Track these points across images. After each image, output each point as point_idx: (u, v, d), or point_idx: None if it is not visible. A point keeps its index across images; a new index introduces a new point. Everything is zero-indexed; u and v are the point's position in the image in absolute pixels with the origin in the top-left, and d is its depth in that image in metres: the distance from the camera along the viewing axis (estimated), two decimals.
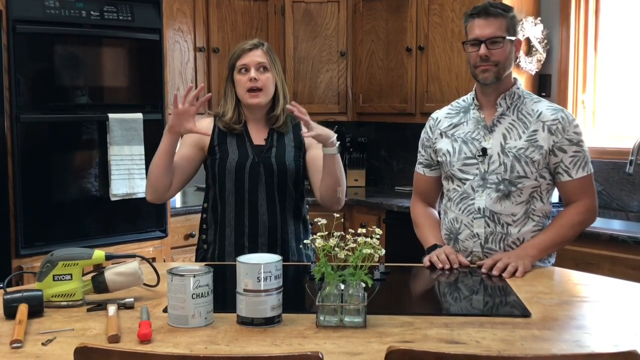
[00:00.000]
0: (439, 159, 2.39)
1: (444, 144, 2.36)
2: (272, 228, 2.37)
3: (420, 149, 2.48)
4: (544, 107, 2.28)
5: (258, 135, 2.43)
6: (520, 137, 2.25)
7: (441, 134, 2.39)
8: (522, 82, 2.37)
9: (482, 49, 2.23)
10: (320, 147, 2.45)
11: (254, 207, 2.37)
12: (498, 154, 2.26)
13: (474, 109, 2.33)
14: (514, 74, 2.35)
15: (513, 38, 2.25)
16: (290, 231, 2.41)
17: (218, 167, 2.38)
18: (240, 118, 2.42)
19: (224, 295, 1.88)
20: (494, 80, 2.25)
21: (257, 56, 2.37)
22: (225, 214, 2.39)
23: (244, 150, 2.39)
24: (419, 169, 2.49)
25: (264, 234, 2.37)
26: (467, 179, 2.30)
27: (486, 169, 2.27)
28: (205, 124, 2.46)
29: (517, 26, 2.29)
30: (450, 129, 2.37)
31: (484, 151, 2.27)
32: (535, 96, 2.35)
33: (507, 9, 2.27)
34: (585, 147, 2.27)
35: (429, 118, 2.47)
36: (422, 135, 2.47)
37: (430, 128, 2.44)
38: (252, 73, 2.35)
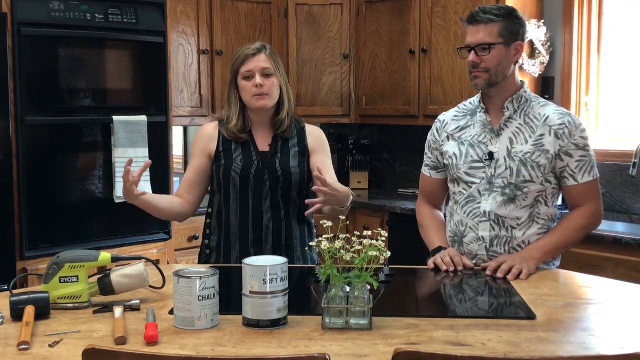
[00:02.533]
0: (445, 161, 2.39)
1: (450, 147, 2.37)
2: (276, 234, 2.37)
3: (426, 151, 2.48)
4: (551, 111, 2.28)
5: (263, 141, 2.42)
6: (526, 142, 2.25)
7: (448, 137, 2.39)
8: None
9: (471, 56, 2.24)
10: (324, 153, 2.46)
11: (258, 213, 2.36)
12: (504, 158, 2.26)
13: (480, 112, 2.34)
14: (520, 77, 2.35)
15: (507, 42, 2.22)
16: (295, 236, 2.41)
17: (223, 174, 2.38)
18: (246, 123, 2.41)
19: (230, 297, 1.88)
20: (486, 87, 2.26)
21: (261, 61, 2.36)
22: (230, 221, 2.39)
23: (249, 156, 2.38)
24: (425, 171, 2.50)
25: (268, 241, 2.37)
26: (473, 183, 2.30)
27: (492, 173, 2.27)
28: (210, 129, 2.46)
29: (520, 28, 2.26)
30: (457, 131, 2.37)
31: (491, 155, 2.28)
32: (543, 100, 2.35)
33: (502, 13, 2.23)
34: (591, 151, 2.27)
35: (436, 120, 2.47)
36: (429, 137, 2.47)
37: (437, 130, 2.44)
38: (257, 79, 2.34)
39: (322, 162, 2.43)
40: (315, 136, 2.48)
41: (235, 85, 2.41)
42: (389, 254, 1.66)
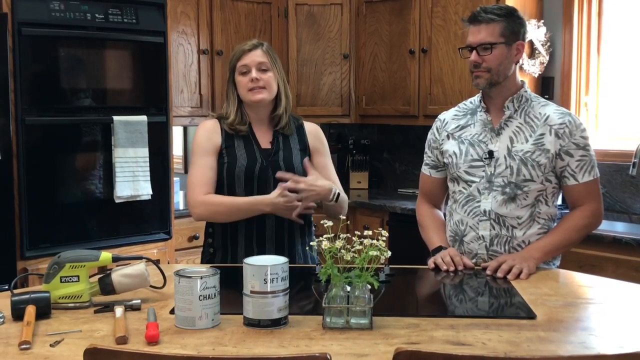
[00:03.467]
0: (445, 160, 2.39)
1: (450, 146, 2.37)
2: (278, 232, 2.37)
3: (426, 150, 2.48)
4: (551, 110, 2.28)
5: (264, 138, 2.42)
6: (527, 141, 2.26)
7: (448, 136, 2.39)
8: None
9: (473, 56, 2.24)
10: (324, 153, 2.47)
11: None
12: (504, 157, 2.26)
13: (481, 111, 2.34)
14: (520, 77, 2.35)
15: (509, 42, 2.22)
16: (296, 235, 2.41)
17: (227, 172, 2.37)
18: (244, 119, 2.42)
19: (230, 296, 1.88)
20: (487, 86, 2.26)
21: (257, 56, 2.36)
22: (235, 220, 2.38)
23: (252, 154, 2.38)
24: (425, 170, 2.50)
25: (271, 239, 2.37)
26: (473, 181, 2.31)
27: (492, 172, 2.28)
28: (211, 123, 2.45)
29: (521, 27, 2.27)
30: (457, 130, 2.37)
31: (491, 154, 2.28)
32: (543, 99, 2.35)
33: (503, 12, 2.23)
34: (591, 151, 2.27)
35: (436, 119, 2.48)
36: (429, 136, 2.48)
37: (437, 129, 2.44)
38: (253, 73, 2.34)
39: (323, 164, 2.46)
40: (315, 134, 2.49)
41: (233, 82, 2.41)
42: (389, 253, 1.66)
